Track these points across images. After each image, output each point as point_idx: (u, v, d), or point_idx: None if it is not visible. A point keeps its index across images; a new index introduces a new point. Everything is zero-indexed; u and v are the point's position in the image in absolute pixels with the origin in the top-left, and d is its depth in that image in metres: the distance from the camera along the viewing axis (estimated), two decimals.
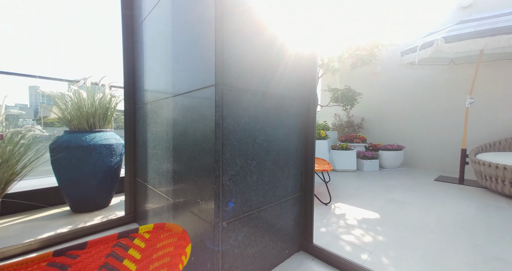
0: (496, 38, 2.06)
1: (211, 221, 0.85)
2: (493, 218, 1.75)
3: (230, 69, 0.87)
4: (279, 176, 1.14)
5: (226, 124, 0.86)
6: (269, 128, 1.07)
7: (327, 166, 2.38)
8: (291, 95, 1.18)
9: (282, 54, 1.11)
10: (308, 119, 1.26)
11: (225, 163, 0.87)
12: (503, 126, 3.15)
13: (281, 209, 1.15)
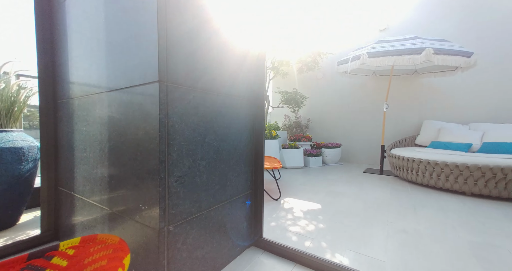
0: (401, 57, 2.62)
1: (155, 227, 0.79)
2: (400, 200, 2.21)
3: (176, 66, 0.83)
4: (230, 174, 1.15)
5: (172, 123, 0.82)
6: (219, 128, 1.07)
7: (277, 164, 2.53)
8: (242, 94, 1.21)
9: (232, 53, 1.12)
10: (258, 118, 1.32)
11: (172, 163, 0.82)
12: (407, 127, 4.01)
13: (232, 207, 1.17)
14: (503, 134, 2.80)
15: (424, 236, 1.46)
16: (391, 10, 4.09)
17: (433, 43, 2.70)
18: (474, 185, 2.23)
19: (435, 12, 3.70)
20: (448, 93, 3.65)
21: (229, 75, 1.12)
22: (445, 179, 2.40)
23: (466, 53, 2.64)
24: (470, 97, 3.48)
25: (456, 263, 1.17)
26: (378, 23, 4.20)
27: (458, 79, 3.53)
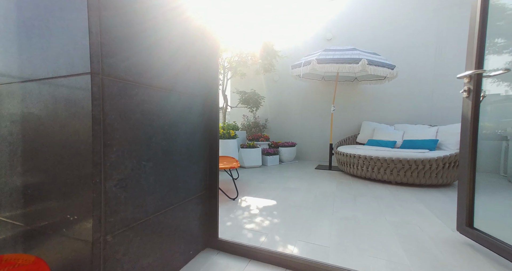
0: (343, 65, 2.98)
1: (87, 239, 0.69)
2: (344, 191, 2.51)
3: (114, 57, 0.74)
4: (182, 176, 1.10)
5: (109, 121, 0.74)
6: (169, 127, 1.01)
7: (235, 163, 2.53)
8: (195, 92, 1.17)
9: (184, 47, 1.08)
10: (212, 118, 1.30)
11: (110, 166, 0.74)
12: (350, 127, 4.56)
13: (184, 209, 1.12)
14: (417, 133, 3.47)
15: (360, 221, 1.69)
16: (337, 23, 4.59)
17: (367, 55, 3.15)
18: (397, 175, 2.70)
19: (368, 27, 4.32)
20: (380, 98, 4.32)
21: (180, 72, 1.07)
22: (377, 171, 2.83)
23: (390, 66, 3.17)
24: (394, 102, 4.19)
25: (382, 240, 1.39)
26: (326, 33, 4.66)
27: (386, 87, 4.21)
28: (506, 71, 1.22)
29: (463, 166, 1.33)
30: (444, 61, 3.83)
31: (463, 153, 1.35)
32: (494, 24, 2.85)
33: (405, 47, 4.07)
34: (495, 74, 1.22)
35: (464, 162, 1.33)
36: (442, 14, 3.83)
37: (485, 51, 1.26)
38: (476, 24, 1.27)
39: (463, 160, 1.34)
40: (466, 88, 1.32)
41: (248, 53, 4.19)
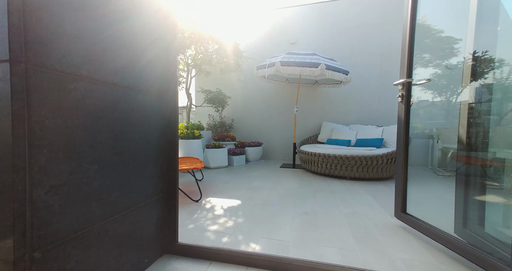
0: (305, 68, 3.17)
1: (7, 258, 0.58)
2: (305, 188, 2.66)
3: (44, 43, 0.64)
4: (135, 179, 1.01)
5: (37, 119, 0.63)
6: (119, 126, 0.92)
7: (198, 164, 2.45)
8: (150, 90, 1.09)
9: (139, 37, 0.99)
10: (171, 117, 1.23)
11: (39, 171, 0.63)
12: (312, 127, 4.87)
13: (138, 215, 1.03)
14: (367, 133, 3.90)
15: (318, 214, 1.81)
16: (299, 28, 4.84)
17: (325, 60, 3.41)
18: (351, 171, 2.99)
19: (327, 35, 4.69)
20: (337, 101, 4.71)
21: (132, 65, 0.98)
22: (335, 168, 3.08)
23: (345, 71, 3.49)
24: (349, 105, 4.63)
25: (336, 230, 1.52)
26: (290, 37, 4.87)
27: (342, 91, 4.62)
28: (428, 81, 1.46)
29: (399, 160, 1.55)
30: (388, 70, 4.39)
31: (398, 149, 1.56)
32: (422, 41, 3.36)
33: (357, 55, 4.53)
34: (420, 83, 1.45)
35: (399, 157, 1.54)
36: (386, 28, 4.38)
37: (414, 65, 1.49)
38: (406, 41, 1.48)
39: (399, 155, 1.56)
40: (400, 94, 1.53)
41: (213, 51, 4.10)
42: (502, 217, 1.28)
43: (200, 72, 4.62)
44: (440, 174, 3.42)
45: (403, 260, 1.18)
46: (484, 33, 1.41)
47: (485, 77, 1.43)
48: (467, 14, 1.42)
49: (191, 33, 3.65)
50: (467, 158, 1.41)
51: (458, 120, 1.48)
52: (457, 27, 2.96)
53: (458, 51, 3.30)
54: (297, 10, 4.88)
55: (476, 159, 1.36)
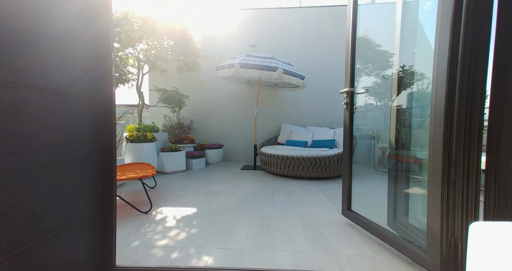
0: (264, 72, 3.22)
1: None
2: (264, 189, 2.69)
3: None
4: (54, 198, 0.83)
5: None
6: (31, 135, 0.74)
7: (149, 171, 2.23)
8: (75, 91, 0.91)
9: (61, 25, 0.81)
10: (104, 120, 1.06)
11: None
12: (272, 128, 5.00)
13: (60, 241, 0.85)
14: (322, 134, 4.21)
15: (275, 216, 1.84)
16: (260, 31, 4.91)
17: (283, 65, 3.53)
18: (307, 171, 3.16)
19: (285, 40, 4.88)
20: (295, 104, 4.95)
21: (55, 63, 0.80)
22: (293, 169, 3.22)
23: (301, 76, 3.69)
24: (306, 108, 4.92)
25: (290, 232, 1.56)
26: (250, 39, 4.90)
27: (299, 94, 4.88)
28: (366, 91, 1.63)
29: (345, 163, 1.69)
30: (338, 76, 4.82)
31: (344, 153, 1.70)
32: (365, 53, 3.76)
33: (313, 62, 4.84)
34: (361, 92, 1.61)
35: (345, 160, 1.68)
36: (339, 39, 4.80)
37: (360, 73, 1.64)
38: (349, 55, 1.63)
39: (345, 159, 1.69)
40: (345, 101, 1.67)
41: (169, 47, 3.82)
42: (421, 206, 1.51)
43: (154, 69, 4.25)
44: (380, 170, 3.92)
45: (346, 256, 1.28)
46: (405, 52, 1.65)
47: (408, 88, 1.67)
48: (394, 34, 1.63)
49: (142, 26, 3.31)
50: (396, 156, 1.62)
51: (389, 123, 1.70)
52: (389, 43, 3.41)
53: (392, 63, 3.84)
54: (259, 13, 4.94)
55: (402, 156, 1.57)
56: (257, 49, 4.86)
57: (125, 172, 2.24)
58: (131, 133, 3.21)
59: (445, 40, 0.99)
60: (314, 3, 10.28)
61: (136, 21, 3.24)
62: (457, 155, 0.99)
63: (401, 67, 1.62)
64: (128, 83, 3.46)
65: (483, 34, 0.94)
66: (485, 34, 0.94)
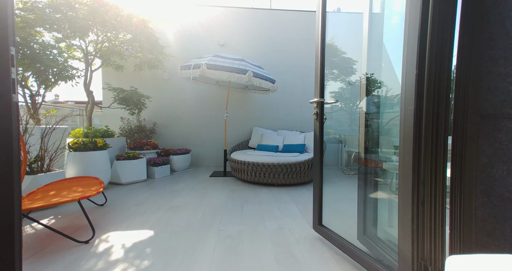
0: (233, 74, 3.04)
1: None
2: (234, 200, 2.51)
3: None
4: None
5: None
6: None
7: (95, 188, 1.88)
8: None
9: None
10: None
11: None
12: (243, 132, 4.84)
13: None
14: (292, 138, 4.20)
15: (243, 235, 1.69)
16: (230, 30, 4.70)
17: (253, 68, 3.40)
18: (278, 178, 3.09)
19: (256, 42, 4.77)
20: (266, 107, 4.88)
21: None
22: (264, 176, 3.11)
23: (272, 80, 3.61)
24: (276, 111, 4.88)
25: (259, 254, 1.42)
26: (219, 39, 4.66)
27: (270, 98, 4.82)
28: (336, 102, 1.58)
29: (315, 176, 1.62)
30: (308, 82, 4.90)
31: (315, 165, 1.63)
32: (331, 59, 3.84)
33: (283, 65, 4.82)
34: (330, 103, 1.56)
35: (316, 173, 1.61)
36: (309, 43, 4.87)
37: (326, 77, 1.58)
38: (318, 62, 1.56)
39: (315, 171, 1.62)
40: (315, 111, 1.60)
41: (124, 40, 3.37)
42: (388, 214, 1.52)
43: (108, 65, 3.73)
44: (347, 173, 4.07)
45: None
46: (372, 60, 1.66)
47: (372, 94, 1.67)
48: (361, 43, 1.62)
49: (89, 14, 2.83)
50: (363, 160, 1.60)
51: (358, 128, 1.68)
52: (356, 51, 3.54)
53: (356, 70, 4.02)
54: (228, 11, 4.73)
55: (369, 160, 1.56)
56: (227, 50, 4.65)
57: (61, 191, 1.84)
58: (76, 140, 2.72)
59: (413, 59, 0.96)
60: (284, 7, 10.42)
61: (82, 7, 2.75)
62: (425, 174, 0.96)
63: (367, 75, 1.61)
64: (72, 81, 2.93)
65: (447, 49, 0.93)
66: (448, 49, 0.93)
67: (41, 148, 2.38)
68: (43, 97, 2.90)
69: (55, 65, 2.50)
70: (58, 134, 2.78)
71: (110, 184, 3.16)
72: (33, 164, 2.28)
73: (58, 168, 2.72)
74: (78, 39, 3.15)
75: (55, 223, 1.86)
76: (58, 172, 2.36)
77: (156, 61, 3.75)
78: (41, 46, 2.49)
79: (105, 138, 3.34)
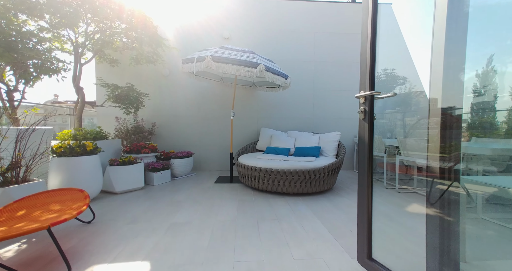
0: (241, 68, 2.65)
1: None
2: (245, 214, 2.12)
3: None
4: None
5: None
6: None
7: (76, 205, 1.50)
8: None
9: None
10: None
11: None
12: (250, 133, 4.44)
13: None
14: (305, 140, 3.81)
15: (266, 267, 1.30)
16: (235, 23, 4.31)
17: (264, 61, 3.01)
18: (294, 186, 2.69)
19: (263, 36, 4.38)
20: (274, 106, 4.48)
21: None
22: (277, 184, 2.71)
23: (285, 75, 3.22)
24: (286, 110, 4.49)
25: None
26: (223, 31, 4.27)
27: (278, 96, 4.43)
28: (394, 95, 1.18)
29: (362, 195, 1.22)
30: (320, 78, 4.50)
31: (362, 180, 1.24)
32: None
33: (292, 60, 4.42)
34: (384, 96, 1.16)
35: (363, 190, 1.22)
36: (320, 38, 4.47)
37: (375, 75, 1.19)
38: (368, 41, 1.17)
39: (362, 187, 1.23)
40: (362, 109, 1.21)
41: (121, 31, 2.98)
42: (486, 248, 1.13)
43: (102, 59, 3.34)
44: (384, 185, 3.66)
45: None
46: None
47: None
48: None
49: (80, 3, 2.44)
50: (433, 171, 1.21)
51: (423, 130, 1.29)
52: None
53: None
54: (234, 3, 4.34)
55: (447, 173, 1.16)
56: (232, 43, 4.26)
57: (34, 210, 1.45)
58: (60, 144, 2.33)
59: None
60: None
61: None
62: None
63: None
64: (57, 75, 2.53)
65: None
66: None
67: (17, 153, 1.98)
68: (23, 93, 2.50)
69: (35, 56, 2.11)
70: (44, 136, 2.39)
71: (102, 193, 2.77)
72: (5, 173, 1.89)
73: (39, 176, 2.33)
74: (67, 30, 2.77)
75: (23, 251, 1.47)
76: (37, 182, 1.97)
77: (155, 55, 3.36)
78: (18, 33, 2.10)
79: (97, 140, 2.95)
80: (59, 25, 2.62)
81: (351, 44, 4.51)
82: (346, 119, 4.54)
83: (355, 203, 2.49)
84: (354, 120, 4.56)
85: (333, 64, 4.52)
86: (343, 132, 4.38)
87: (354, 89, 4.51)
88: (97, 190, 2.53)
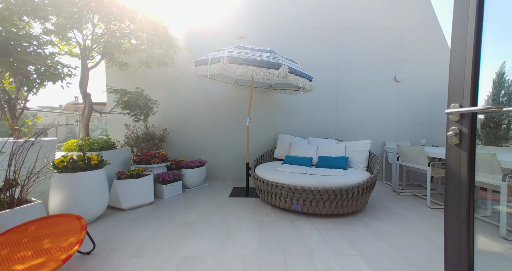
0: (261, 69, 2.31)
1: None
2: (269, 244, 1.78)
3: None
4: None
5: None
6: None
7: (68, 243, 1.22)
8: None
9: None
10: None
11: None
12: (267, 140, 4.10)
13: None
14: (328, 148, 3.40)
15: None
16: (250, 21, 3.98)
17: (286, 61, 2.65)
18: (323, 207, 2.31)
19: (281, 35, 4.02)
20: (294, 110, 4.11)
21: None
22: (303, 204, 2.34)
23: (309, 77, 2.84)
24: (305, 115, 4.09)
25: None
26: (238, 30, 3.95)
27: (297, 99, 4.04)
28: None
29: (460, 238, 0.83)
30: (344, 79, 4.07)
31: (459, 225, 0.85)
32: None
33: (311, 60, 4.03)
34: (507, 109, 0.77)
35: (462, 232, 0.83)
36: (343, 33, 4.04)
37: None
38: (472, 34, 0.78)
39: (462, 237, 0.84)
40: (457, 130, 0.82)
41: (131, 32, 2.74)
42: None
43: (111, 62, 3.14)
44: (401, 193, 3.20)
45: None
46: None
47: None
48: None
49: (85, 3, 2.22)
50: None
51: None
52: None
53: None
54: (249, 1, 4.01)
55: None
56: (246, 42, 3.93)
57: (19, 249, 1.19)
58: (62, 158, 2.11)
59: None
60: None
61: None
62: None
63: None
64: (62, 81, 2.32)
65: None
66: None
67: (13, 171, 1.77)
68: (25, 101, 2.32)
69: (33, 61, 1.89)
70: (44, 149, 2.19)
71: (109, 209, 2.54)
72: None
73: (39, 195, 2.12)
74: (74, 32, 2.57)
75: None
76: (34, 205, 1.73)
77: (166, 57, 3.11)
78: (16, 36, 1.89)
79: (104, 150, 2.73)
80: (65, 27, 2.42)
81: (378, 40, 4.04)
82: (370, 124, 4.08)
83: (398, 231, 2.07)
84: (379, 125, 4.08)
85: (359, 62, 4.06)
86: (368, 138, 3.91)
87: (380, 90, 4.04)
88: (102, 208, 2.29)
